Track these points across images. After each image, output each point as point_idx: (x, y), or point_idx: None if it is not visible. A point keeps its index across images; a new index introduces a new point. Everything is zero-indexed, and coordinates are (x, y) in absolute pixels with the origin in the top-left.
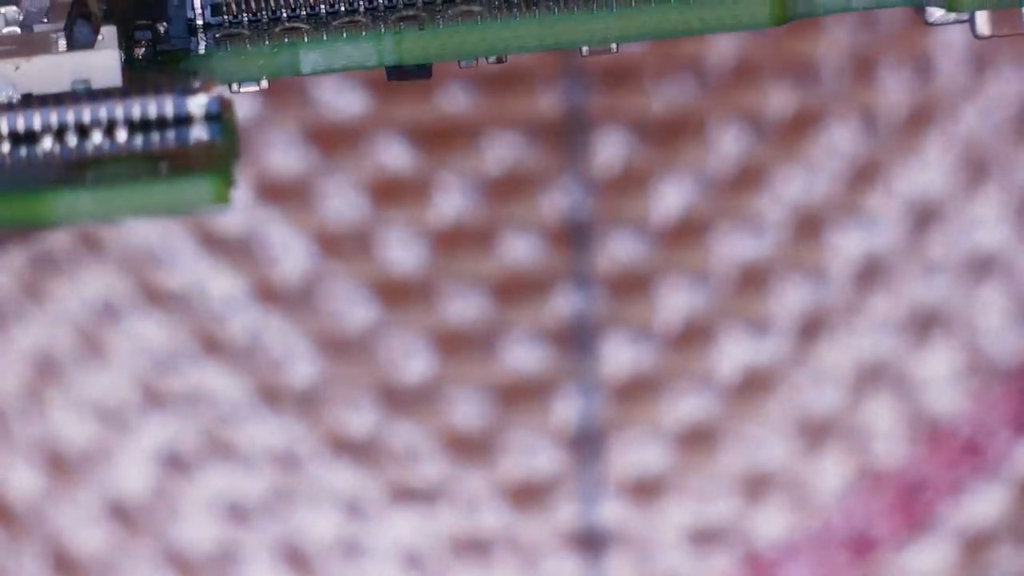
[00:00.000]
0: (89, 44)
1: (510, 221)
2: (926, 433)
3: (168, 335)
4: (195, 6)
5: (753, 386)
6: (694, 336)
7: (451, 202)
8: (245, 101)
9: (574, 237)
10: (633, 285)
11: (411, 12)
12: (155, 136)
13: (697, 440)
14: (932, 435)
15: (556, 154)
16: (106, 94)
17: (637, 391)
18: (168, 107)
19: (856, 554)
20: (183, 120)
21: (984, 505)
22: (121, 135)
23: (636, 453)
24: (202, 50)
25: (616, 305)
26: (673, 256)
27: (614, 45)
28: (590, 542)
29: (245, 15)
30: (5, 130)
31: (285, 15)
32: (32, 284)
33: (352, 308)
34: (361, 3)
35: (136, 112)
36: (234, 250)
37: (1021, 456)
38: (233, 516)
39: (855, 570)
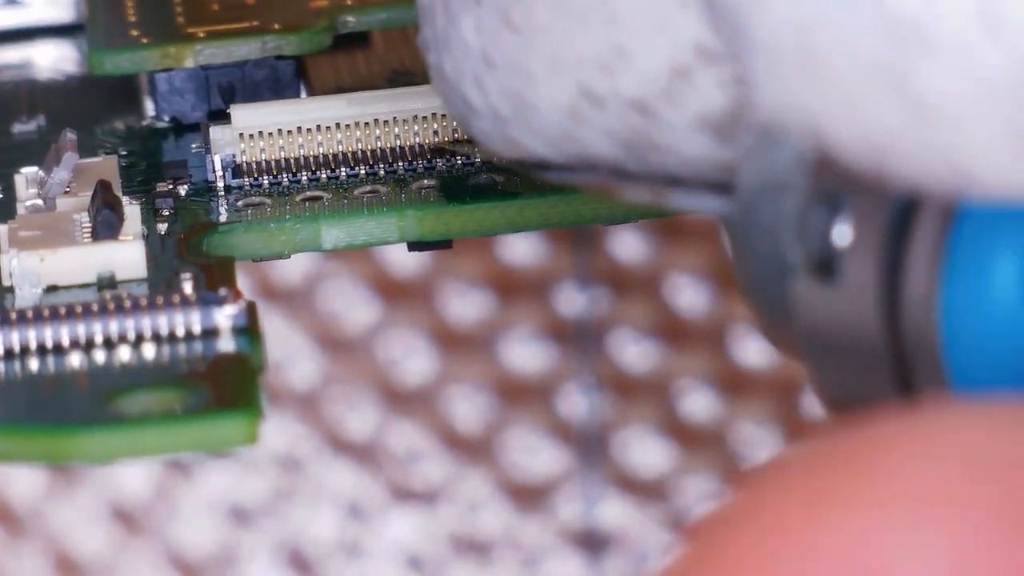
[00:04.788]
0: (113, 235)
1: None
2: None
3: None
4: (216, 168)
5: (752, 386)
6: (696, 335)
7: None
8: None
9: (576, 236)
10: (635, 283)
11: (431, 181)
12: (182, 348)
13: (698, 440)
14: None
15: None
16: (134, 305)
17: (639, 390)
18: (195, 321)
19: None
20: (210, 332)
21: None
22: (149, 351)
23: (637, 453)
24: (223, 217)
25: (618, 303)
26: (676, 254)
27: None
28: (591, 542)
29: (265, 178)
30: (33, 343)
31: (306, 179)
32: None
33: (352, 308)
34: (381, 168)
35: (163, 326)
36: None
37: None
38: (233, 516)
39: None
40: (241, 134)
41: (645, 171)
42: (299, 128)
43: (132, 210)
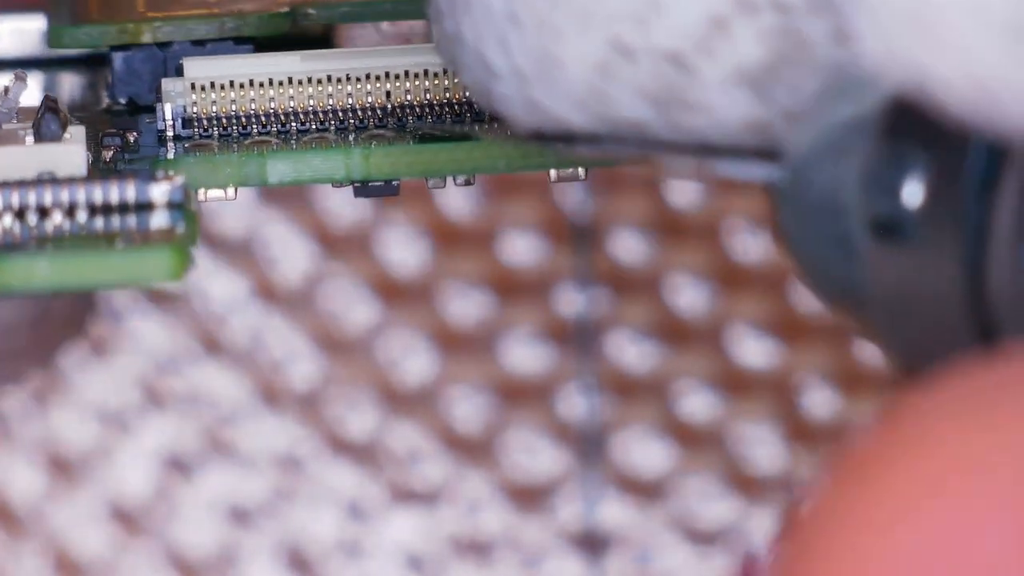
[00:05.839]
0: (56, 137)
1: (512, 221)
2: None
3: (169, 335)
4: (166, 117)
5: (752, 386)
6: (696, 335)
7: (452, 202)
8: None
9: (576, 236)
10: (635, 283)
11: (381, 131)
12: (116, 220)
13: (698, 440)
14: None
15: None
16: (70, 179)
17: (639, 390)
18: (130, 192)
19: None
20: (145, 206)
21: None
22: (81, 216)
23: (637, 453)
24: (171, 156)
25: (618, 303)
26: (676, 254)
27: (581, 170)
28: (591, 542)
29: (216, 129)
30: None
31: (256, 131)
32: None
33: (352, 308)
34: (332, 124)
35: (98, 196)
36: (234, 250)
37: None
38: (233, 517)
39: None
40: (193, 84)
41: (675, 135)
42: (251, 81)
43: (77, 129)
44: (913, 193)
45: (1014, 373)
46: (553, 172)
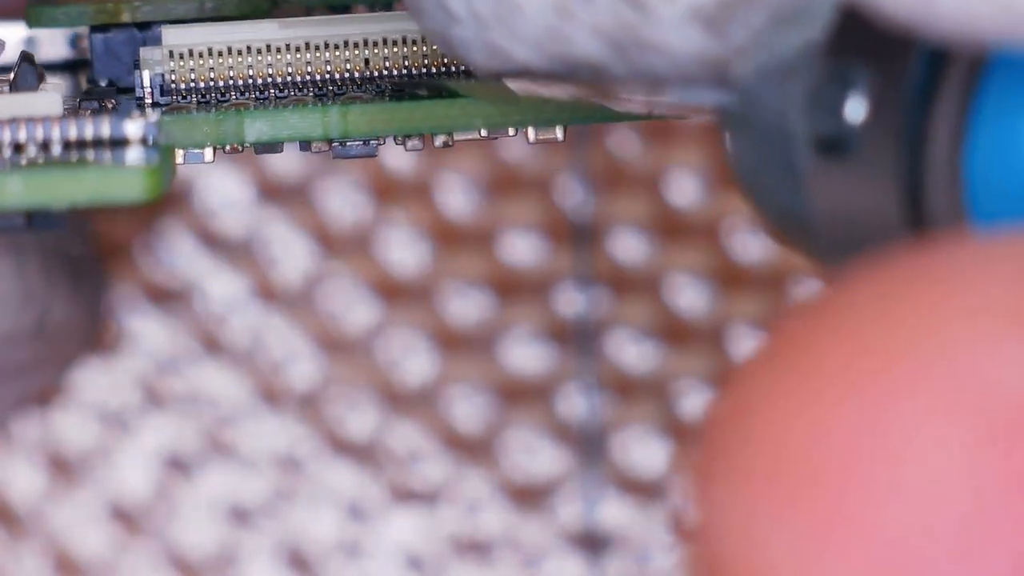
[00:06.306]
0: (32, 87)
1: (512, 221)
2: None
3: (169, 335)
4: (144, 85)
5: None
6: (696, 335)
7: (452, 201)
8: None
9: (576, 236)
10: (635, 283)
11: (358, 93)
12: (90, 154)
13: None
14: None
15: (558, 159)
16: (45, 117)
17: (639, 390)
18: (105, 128)
19: None
20: (119, 142)
21: None
22: (56, 150)
23: (637, 453)
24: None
25: (618, 303)
26: (676, 254)
27: (559, 131)
28: (591, 542)
29: (193, 96)
30: None
31: (234, 98)
32: None
33: (352, 308)
34: (311, 91)
35: (72, 131)
36: (234, 250)
37: None
38: (233, 517)
39: None
40: (171, 52)
41: (631, 74)
42: (229, 49)
43: (54, 83)
44: (856, 108)
45: (940, 257)
46: (531, 132)
